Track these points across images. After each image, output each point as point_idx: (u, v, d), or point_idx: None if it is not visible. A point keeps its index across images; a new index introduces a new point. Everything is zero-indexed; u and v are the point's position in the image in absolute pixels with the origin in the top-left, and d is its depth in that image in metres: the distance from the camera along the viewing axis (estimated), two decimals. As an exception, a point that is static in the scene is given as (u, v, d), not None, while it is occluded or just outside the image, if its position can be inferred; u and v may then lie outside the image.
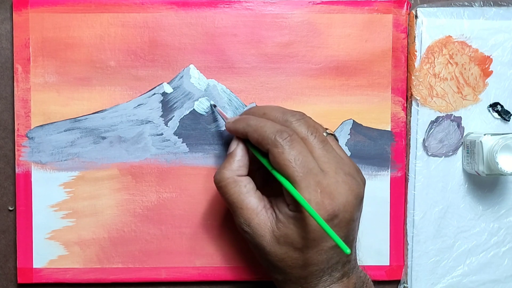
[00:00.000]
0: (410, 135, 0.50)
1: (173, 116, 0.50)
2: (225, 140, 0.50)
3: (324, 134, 0.43)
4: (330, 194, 0.39)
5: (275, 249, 0.41)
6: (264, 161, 0.42)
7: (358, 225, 0.43)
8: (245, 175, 0.43)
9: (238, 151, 0.43)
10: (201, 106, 0.50)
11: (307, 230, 0.40)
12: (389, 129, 0.50)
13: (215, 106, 0.49)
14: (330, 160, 0.41)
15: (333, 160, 0.41)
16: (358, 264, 0.45)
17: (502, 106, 0.50)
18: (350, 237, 0.41)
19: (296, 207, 0.40)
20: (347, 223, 0.40)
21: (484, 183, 0.51)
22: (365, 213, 0.50)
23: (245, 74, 0.50)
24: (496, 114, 0.50)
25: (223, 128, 0.50)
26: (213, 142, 0.50)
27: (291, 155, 0.39)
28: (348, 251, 0.36)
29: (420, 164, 0.50)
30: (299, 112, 0.43)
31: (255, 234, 0.42)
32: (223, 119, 0.47)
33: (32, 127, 0.49)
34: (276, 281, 0.44)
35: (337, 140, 0.44)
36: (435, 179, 0.50)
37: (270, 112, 0.43)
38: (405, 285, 0.51)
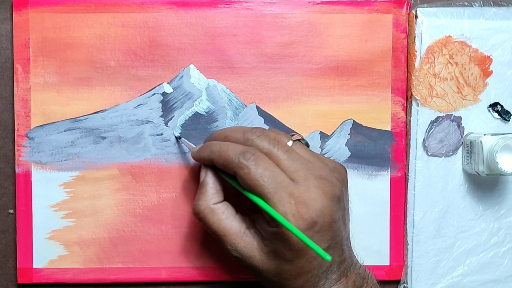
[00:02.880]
0: (410, 135, 0.50)
1: (173, 116, 0.50)
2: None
3: (289, 142, 0.42)
4: (304, 202, 0.39)
5: (267, 266, 0.41)
6: (234, 184, 0.42)
7: (345, 223, 0.43)
8: (221, 201, 0.43)
9: (208, 180, 0.44)
10: (201, 106, 0.50)
11: (291, 242, 0.40)
12: (389, 129, 0.50)
13: (179, 138, 0.49)
14: (298, 168, 0.40)
15: (301, 168, 0.41)
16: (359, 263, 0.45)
17: (502, 106, 0.50)
18: (336, 238, 0.41)
19: (276, 223, 0.40)
20: (329, 226, 0.40)
21: (484, 183, 0.51)
22: (365, 213, 0.50)
23: (245, 74, 0.50)
24: (496, 114, 0.50)
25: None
26: (213, 142, 0.50)
27: (257, 173, 0.40)
28: (328, 258, 0.36)
29: (420, 164, 0.50)
30: (259, 128, 0.43)
31: (245, 257, 0.42)
32: (189, 149, 0.48)
33: (32, 127, 0.49)
34: None
35: (306, 144, 0.44)
36: (435, 179, 0.50)
37: (231, 134, 0.43)
38: (405, 285, 0.51)
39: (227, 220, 0.42)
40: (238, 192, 0.42)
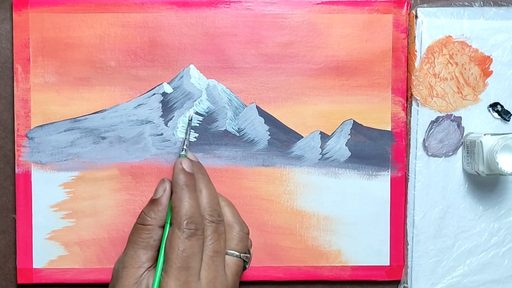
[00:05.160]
0: (410, 135, 0.50)
1: (173, 116, 0.49)
2: (225, 142, 0.50)
3: (234, 253, 0.43)
4: None
5: None
6: (166, 228, 0.42)
7: None
8: (162, 225, 0.43)
9: (164, 200, 0.43)
10: (201, 106, 0.50)
11: None
12: (389, 129, 0.50)
13: (191, 119, 0.48)
14: (210, 272, 0.41)
15: (212, 274, 0.41)
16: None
17: (502, 106, 0.50)
18: None
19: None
20: None
21: (484, 183, 0.51)
22: (365, 213, 0.50)
23: (245, 74, 0.50)
24: (496, 114, 0.50)
25: (223, 129, 0.50)
26: (213, 142, 0.50)
27: (183, 244, 0.40)
28: None
29: (420, 164, 0.50)
30: (220, 217, 0.43)
31: (119, 278, 0.41)
32: (184, 145, 0.46)
33: (32, 127, 0.49)
34: None
35: (243, 267, 0.44)
36: (435, 179, 0.50)
37: (204, 195, 0.43)
38: (405, 285, 0.51)
39: (149, 246, 0.42)
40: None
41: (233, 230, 0.44)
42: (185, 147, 0.46)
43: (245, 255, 0.44)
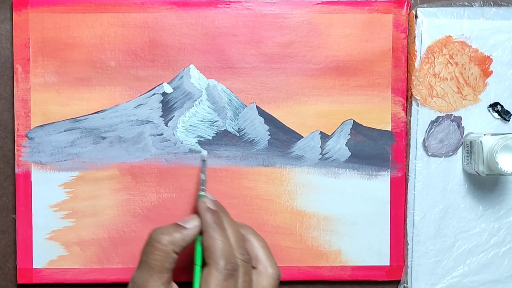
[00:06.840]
0: (410, 135, 0.50)
1: (173, 116, 0.50)
2: (225, 142, 0.50)
3: None
4: None
5: None
6: (197, 268, 0.42)
7: None
8: (177, 253, 0.42)
9: (190, 232, 0.43)
10: (201, 106, 0.50)
11: None
12: (389, 129, 0.50)
13: (204, 160, 0.48)
14: None
15: None
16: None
17: (502, 106, 0.50)
18: None
19: None
20: None
21: (484, 183, 0.51)
22: (365, 213, 0.50)
23: (245, 74, 0.50)
24: (496, 114, 0.50)
25: (223, 129, 0.50)
26: (213, 142, 0.50)
27: (221, 285, 0.40)
28: None
29: (420, 164, 0.50)
30: (248, 255, 0.43)
31: None
32: (202, 185, 0.46)
33: (32, 127, 0.49)
34: None
35: None
36: (435, 179, 0.50)
37: (230, 233, 0.43)
38: (405, 285, 0.51)
39: (165, 271, 0.41)
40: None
41: (268, 274, 0.43)
42: (203, 187, 0.46)
43: None
